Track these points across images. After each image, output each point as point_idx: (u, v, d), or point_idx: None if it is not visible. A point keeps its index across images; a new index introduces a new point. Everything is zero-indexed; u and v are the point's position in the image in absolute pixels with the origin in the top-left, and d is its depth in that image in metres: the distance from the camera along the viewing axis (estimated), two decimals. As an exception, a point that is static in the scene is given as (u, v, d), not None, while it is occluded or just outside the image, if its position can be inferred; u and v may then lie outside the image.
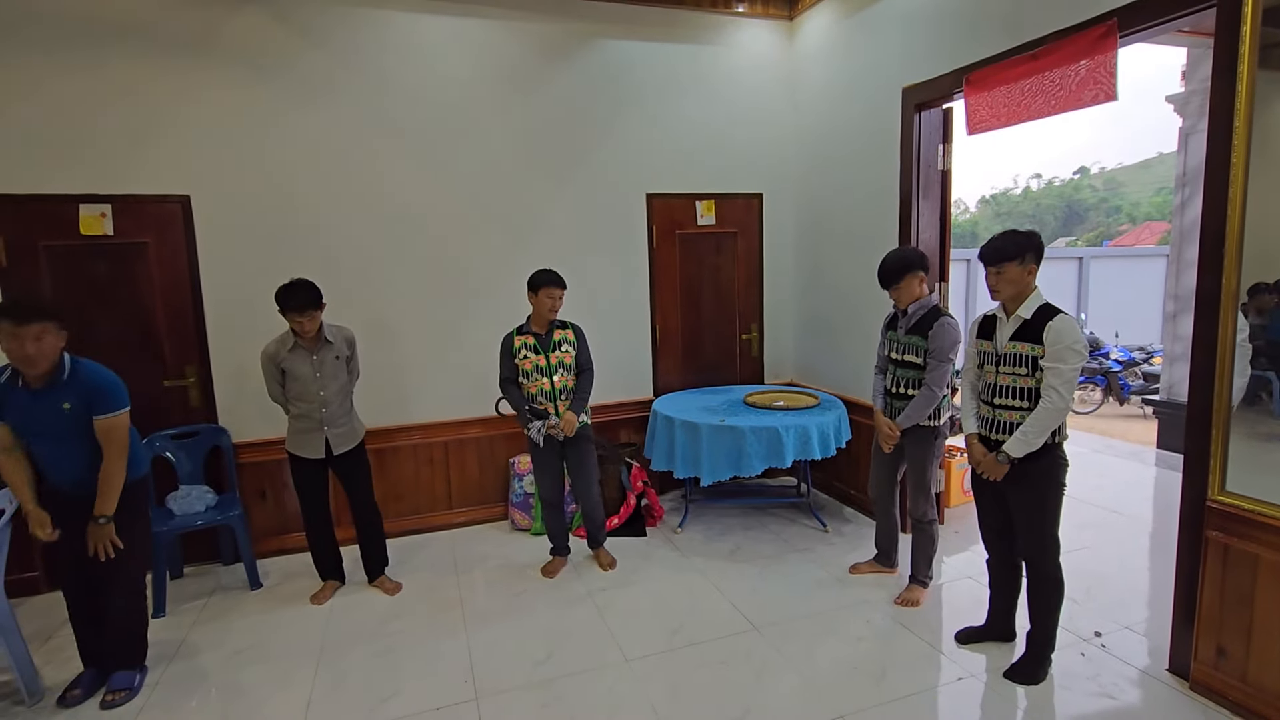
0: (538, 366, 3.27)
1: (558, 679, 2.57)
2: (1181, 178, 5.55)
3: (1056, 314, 2.29)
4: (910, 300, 2.91)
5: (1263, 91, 2.07)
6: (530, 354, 3.28)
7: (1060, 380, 2.24)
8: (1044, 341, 2.26)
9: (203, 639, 2.96)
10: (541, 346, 3.30)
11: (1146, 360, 8.72)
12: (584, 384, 3.37)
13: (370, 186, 3.75)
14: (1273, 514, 2.10)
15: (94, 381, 2.41)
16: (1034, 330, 2.29)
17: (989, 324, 2.48)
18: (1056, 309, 2.31)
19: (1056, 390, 2.24)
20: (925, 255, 2.95)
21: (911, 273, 2.87)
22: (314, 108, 3.61)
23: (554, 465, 3.38)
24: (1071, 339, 2.23)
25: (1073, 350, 2.23)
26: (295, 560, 3.66)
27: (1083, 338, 2.26)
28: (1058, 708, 2.33)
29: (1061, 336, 2.24)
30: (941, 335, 2.83)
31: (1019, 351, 2.33)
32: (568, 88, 4.06)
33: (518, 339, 3.31)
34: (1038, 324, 2.29)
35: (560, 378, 3.29)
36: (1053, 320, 2.27)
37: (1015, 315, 2.35)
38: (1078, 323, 2.29)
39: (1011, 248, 2.31)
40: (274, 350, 3.04)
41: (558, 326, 3.35)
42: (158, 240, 3.45)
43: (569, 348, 3.33)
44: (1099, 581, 3.16)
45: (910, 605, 3.01)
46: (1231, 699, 2.24)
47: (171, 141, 3.41)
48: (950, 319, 2.88)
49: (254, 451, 3.66)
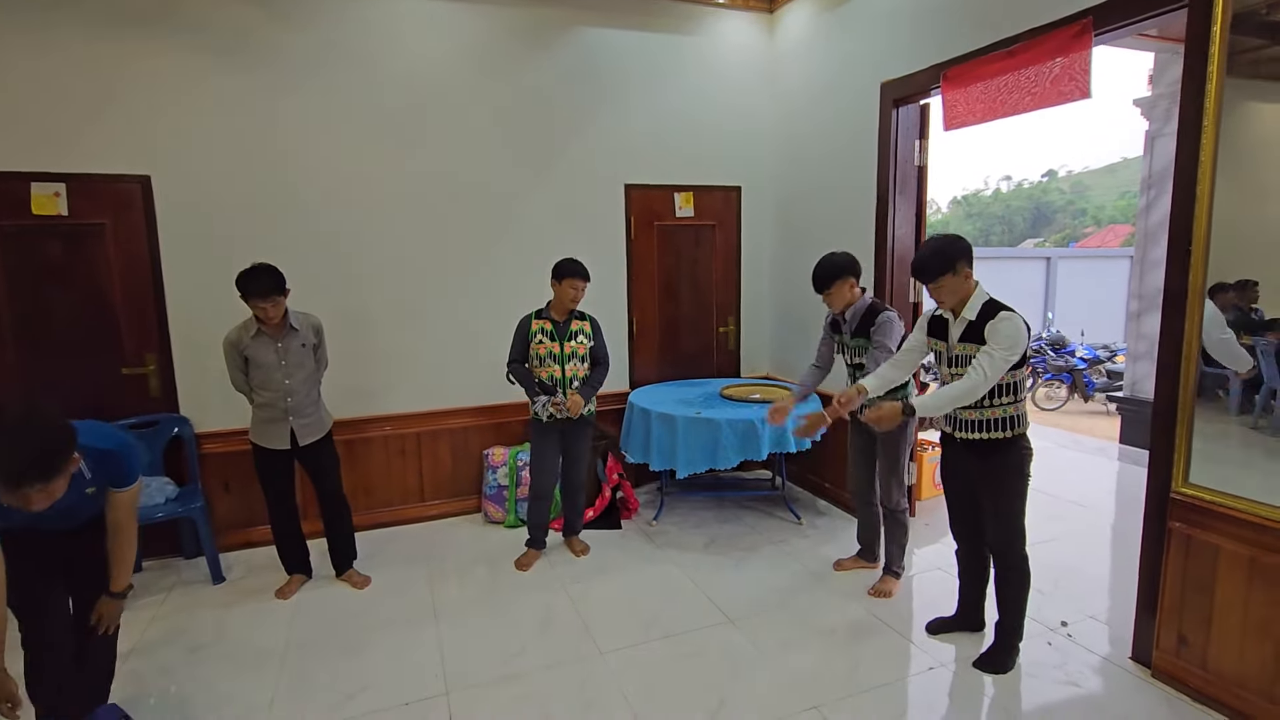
0: (551, 353, 3.27)
1: (530, 672, 2.54)
2: (1147, 180, 5.68)
3: (999, 311, 2.30)
4: (843, 305, 2.95)
5: (1228, 96, 2.11)
6: (546, 339, 3.28)
7: (986, 361, 2.25)
8: (983, 337, 2.31)
9: (162, 635, 2.87)
10: (558, 334, 3.30)
11: (1110, 358, 8.94)
12: (598, 375, 3.40)
13: (341, 171, 3.66)
14: (1233, 505, 2.15)
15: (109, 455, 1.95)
16: (979, 330, 2.32)
17: (939, 323, 2.51)
18: (1000, 306, 2.32)
19: (979, 369, 2.25)
20: (856, 260, 2.96)
21: (842, 278, 2.90)
22: (285, 89, 3.50)
23: (553, 452, 3.38)
24: (1007, 332, 2.25)
25: (1006, 339, 2.24)
26: (260, 554, 3.57)
27: (1020, 334, 2.26)
28: (1025, 696, 2.37)
29: (999, 330, 2.26)
30: (884, 330, 2.87)
31: (968, 353, 2.36)
32: (547, 74, 4.00)
33: (535, 322, 3.31)
34: (982, 324, 2.32)
35: (573, 367, 3.30)
36: (994, 319, 2.29)
37: (962, 317, 2.38)
38: (1019, 319, 2.28)
39: (941, 262, 2.33)
40: (236, 337, 2.94)
41: (576, 317, 3.35)
42: (115, 221, 3.32)
43: (584, 339, 3.34)
44: (1065, 573, 3.22)
45: (883, 596, 3.04)
46: (1192, 685, 2.29)
47: (130, 119, 3.28)
48: (889, 312, 2.91)
49: (217, 441, 3.56)
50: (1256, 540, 2.09)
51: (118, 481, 1.99)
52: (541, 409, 3.27)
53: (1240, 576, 2.15)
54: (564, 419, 3.32)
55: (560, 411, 3.27)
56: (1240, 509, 2.13)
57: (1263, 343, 2.14)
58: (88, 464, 1.88)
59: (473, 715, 2.31)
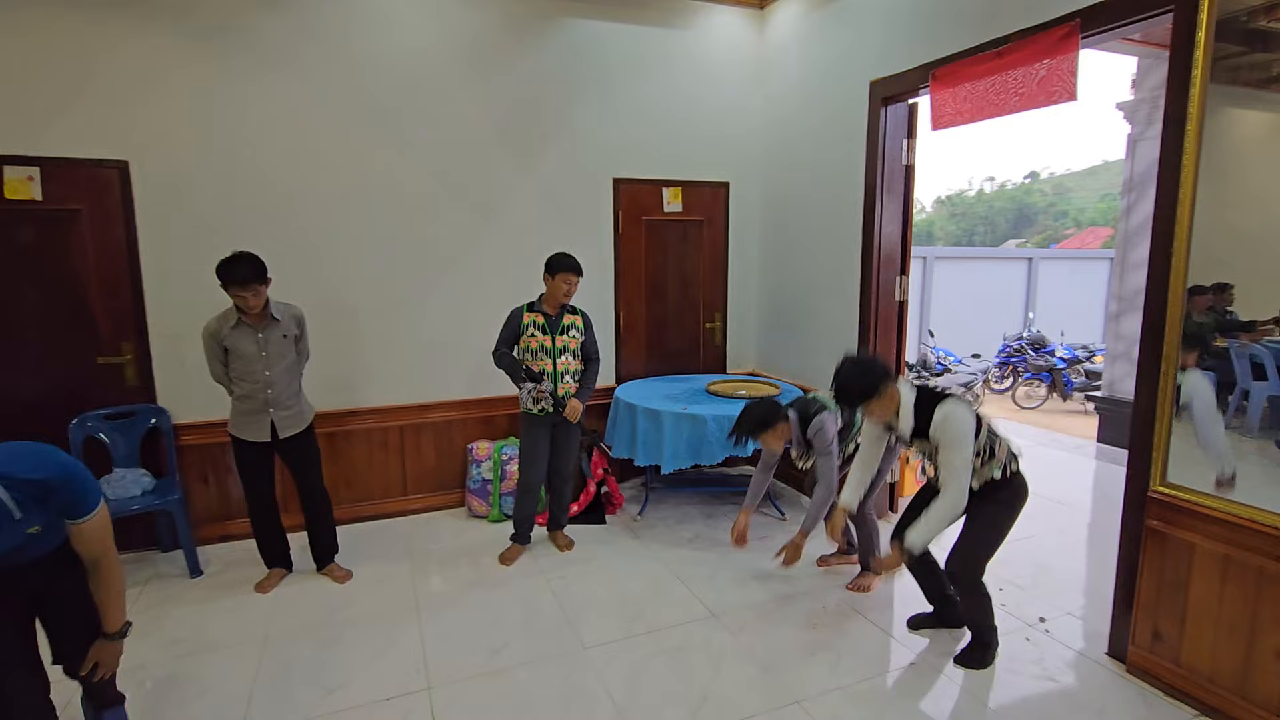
0: (543, 346, 3.26)
1: (513, 668, 2.53)
2: (1128, 183, 5.76)
3: (935, 406, 2.33)
4: (781, 442, 2.99)
5: (1209, 102, 2.14)
6: (537, 333, 3.26)
7: (952, 473, 2.31)
8: (929, 438, 2.35)
9: (138, 628, 2.76)
10: (550, 328, 3.28)
11: (1089, 358, 9.07)
12: (591, 373, 3.41)
13: (325, 159, 3.60)
14: (1209, 504, 2.19)
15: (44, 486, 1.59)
16: (925, 430, 2.37)
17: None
18: (932, 400, 2.36)
19: (950, 485, 2.31)
20: (779, 407, 2.97)
21: (770, 429, 2.93)
22: (267, 76, 3.44)
23: (542, 444, 3.37)
24: (953, 429, 2.29)
25: (958, 440, 2.29)
26: (239, 547, 3.52)
27: (964, 427, 2.29)
28: (1003, 691, 2.40)
29: (944, 432, 2.30)
30: (820, 438, 2.90)
31: (925, 449, 2.44)
32: (536, 65, 3.96)
33: (527, 315, 3.30)
34: (923, 424, 2.37)
35: (564, 361, 3.29)
36: (935, 415, 2.32)
37: (902, 424, 2.43)
38: (956, 410, 2.30)
39: (864, 390, 2.39)
40: (215, 327, 2.88)
41: (568, 311, 3.34)
42: (92, 208, 3.24)
43: (576, 333, 3.33)
44: (1043, 570, 3.27)
45: (862, 591, 3.07)
46: (1165, 680, 2.34)
47: (108, 104, 3.20)
48: (816, 420, 2.91)
49: (196, 433, 3.50)
50: (1231, 539, 2.13)
51: (71, 512, 1.65)
52: (527, 395, 3.25)
53: (1214, 574, 2.19)
54: (557, 412, 3.31)
55: (546, 403, 3.26)
56: (1216, 508, 2.17)
57: (1236, 345, 2.18)
58: (14, 498, 1.54)
59: (455, 710, 2.30)
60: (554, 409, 3.30)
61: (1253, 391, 2.17)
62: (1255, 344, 2.15)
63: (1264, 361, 2.13)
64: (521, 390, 3.26)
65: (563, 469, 3.49)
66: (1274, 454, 2.15)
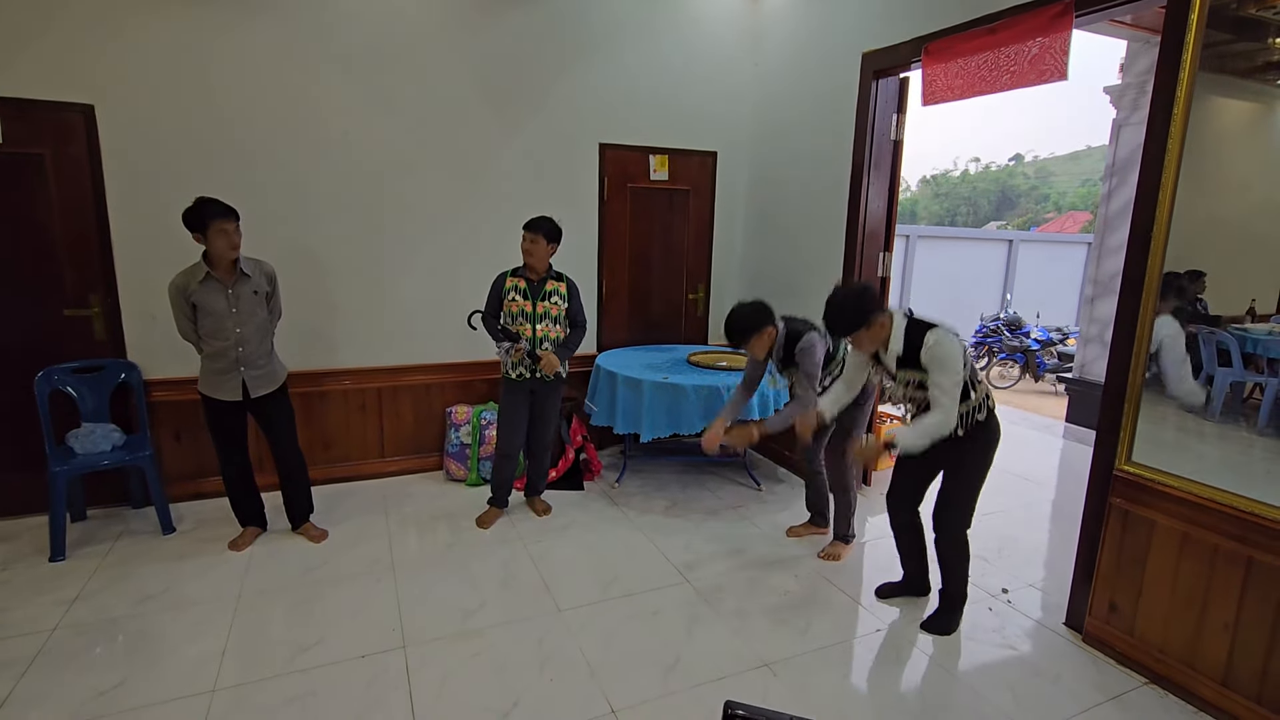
0: (524, 312, 3.21)
1: (489, 628, 2.56)
2: (1111, 167, 5.81)
3: (925, 332, 2.34)
4: (765, 351, 2.97)
5: (1196, 89, 2.15)
6: (519, 297, 3.22)
7: (943, 393, 2.31)
8: (921, 365, 2.35)
9: (108, 584, 2.79)
10: (532, 293, 3.23)
11: (1063, 341, 9.24)
12: (574, 337, 3.35)
13: (305, 111, 3.49)
14: (1171, 483, 2.26)
15: None
16: (913, 357, 2.37)
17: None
18: (923, 326, 2.36)
19: (941, 405, 2.32)
20: (770, 311, 2.95)
21: (756, 333, 2.91)
22: (244, 18, 3.30)
23: (521, 410, 3.35)
24: (945, 352, 2.29)
25: (950, 362, 2.29)
26: (212, 505, 3.49)
27: (955, 351, 2.31)
28: (964, 657, 2.49)
29: (936, 354, 2.31)
30: (806, 357, 2.91)
31: (911, 378, 2.43)
32: (523, 24, 3.85)
33: (509, 279, 3.25)
34: (913, 351, 2.36)
35: (544, 327, 3.24)
36: (925, 341, 2.33)
37: (890, 351, 2.43)
38: (947, 336, 2.33)
39: (854, 319, 2.38)
40: (182, 282, 2.79)
41: (552, 277, 3.28)
42: (55, 153, 3.12)
43: (559, 299, 3.28)
44: (1009, 542, 3.37)
45: (833, 559, 3.14)
46: (1118, 649, 2.44)
47: (71, 43, 3.06)
48: (809, 335, 2.92)
49: (168, 389, 3.43)
50: (1190, 517, 2.21)
51: None
52: (504, 354, 3.21)
53: (1172, 550, 2.27)
54: (536, 378, 3.29)
55: (525, 364, 3.23)
56: (1177, 487, 2.24)
57: (1204, 331, 2.23)
58: None
59: (429, 669, 2.32)
60: (531, 373, 3.28)
61: (1217, 377, 2.22)
62: (1222, 331, 2.20)
63: (1229, 348, 2.18)
64: (499, 350, 3.22)
65: (543, 436, 3.48)
66: (1233, 436, 2.21)
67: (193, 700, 2.14)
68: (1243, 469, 2.14)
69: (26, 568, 2.90)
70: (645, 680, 2.29)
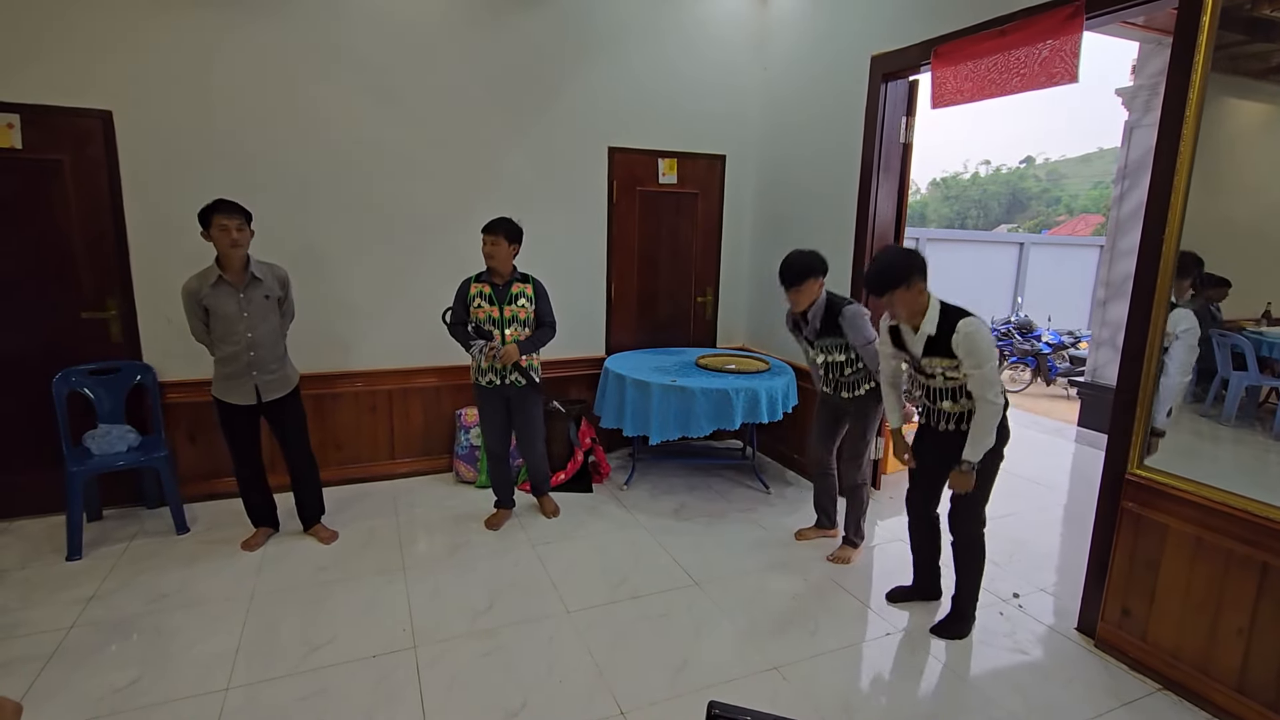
0: (491, 317, 3.17)
1: (498, 629, 2.57)
2: (1123, 169, 5.77)
3: (959, 321, 2.32)
4: (808, 303, 2.95)
5: (1208, 91, 2.14)
6: (484, 303, 3.17)
7: (986, 384, 2.30)
8: (955, 352, 2.32)
9: (123, 583, 2.83)
10: (497, 298, 3.19)
11: (1074, 344, 9.17)
12: (540, 334, 3.26)
13: (316, 114, 3.53)
14: (1183, 488, 2.24)
15: None
16: (943, 343, 2.35)
17: (896, 333, 2.53)
18: (957, 313, 2.35)
19: (985, 397, 2.31)
20: (826, 260, 2.95)
21: (813, 277, 2.90)
22: (258, 28, 3.35)
23: (499, 417, 3.32)
24: (980, 341, 2.28)
25: (985, 352, 2.28)
26: (225, 505, 3.52)
27: (989, 337, 2.30)
28: (975, 663, 2.47)
29: (971, 342, 2.29)
30: (856, 326, 2.89)
31: (937, 366, 2.40)
32: (533, 27, 3.88)
33: (474, 285, 3.21)
34: (945, 336, 2.34)
35: (513, 331, 3.20)
36: (957, 331, 2.31)
37: (921, 331, 2.39)
38: (981, 322, 2.32)
39: (895, 275, 2.33)
40: (195, 286, 2.82)
41: (517, 279, 3.23)
42: (74, 158, 3.17)
43: (526, 302, 3.23)
44: (1020, 547, 3.35)
45: (841, 563, 3.13)
46: (1131, 655, 2.42)
47: (91, 51, 3.11)
48: (850, 306, 2.93)
49: (183, 391, 3.47)
50: (1203, 521, 2.19)
51: None
52: (478, 353, 3.13)
53: (1185, 555, 2.25)
54: (506, 384, 3.23)
55: (496, 359, 3.14)
56: (1190, 491, 2.22)
57: (1218, 334, 2.22)
58: None
59: (439, 668, 2.34)
60: (501, 379, 3.21)
61: (1232, 380, 2.21)
62: (1236, 334, 2.18)
63: (1244, 352, 2.17)
64: (472, 350, 3.14)
65: (531, 446, 3.42)
66: (1248, 441, 2.20)
67: (206, 698, 2.17)
68: (1258, 473, 2.12)
69: (44, 566, 2.94)
70: (653, 682, 2.30)
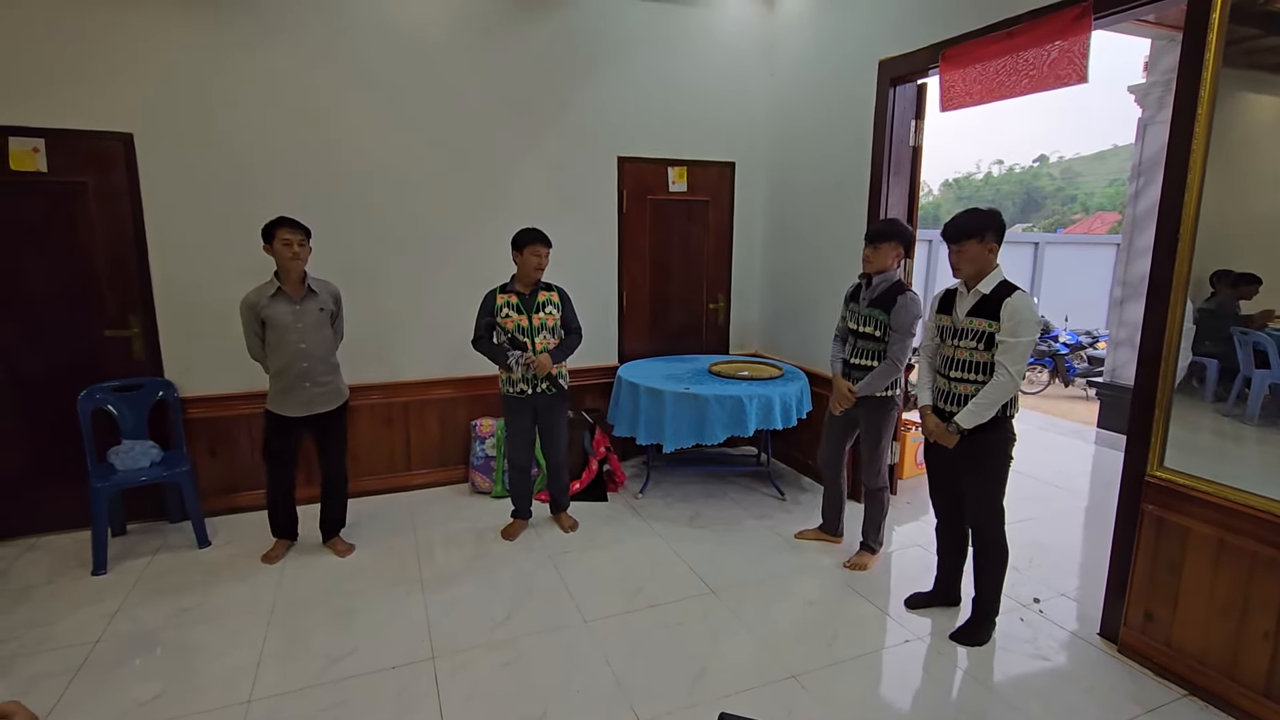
0: (519, 327, 3.21)
1: (517, 639, 2.58)
2: (1137, 167, 5.71)
3: (1014, 291, 2.35)
4: (880, 268, 2.94)
5: (1221, 86, 2.12)
6: (513, 313, 3.21)
7: (1012, 357, 2.30)
8: (1000, 317, 2.32)
9: (147, 596, 2.88)
10: (525, 307, 3.23)
11: (1092, 344, 9.07)
12: (570, 342, 3.33)
13: (330, 134, 3.58)
14: (1205, 489, 2.21)
15: None
16: (992, 306, 2.35)
17: (949, 298, 2.54)
18: (1015, 286, 2.37)
19: (1007, 367, 2.31)
20: (911, 233, 2.95)
21: (892, 242, 2.91)
22: (273, 47, 3.41)
23: (526, 426, 3.35)
24: (1027, 315, 2.30)
25: (1027, 326, 2.29)
26: (246, 519, 3.57)
27: (1037, 315, 2.33)
28: (997, 669, 2.45)
29: (1018, 312, 2.30)
30: (904, 311, 2.89)
31: (976, 327, 2.38)
32: (542, 40, 3.92)
33: (500, 296, 3.24)
34: (995, 300, 2.34)
35: (543, 339, 3.24)
36: (1010, 297, 2.33)
37: (975, 290, 2.40)
38: (1033, 300, 2.36)
39: (973, 225, 2.36)
40: (254, 299, 2.91)
41: (542, 288, 3.28)
42: (98, 180, 3.24)
43: (553, 309, 3.28)
44: (1040, 551, 3.31)
45: (859, 569, 3.11)
46: (1155, 660, 2.38)
47: (112, 75, 3.19)
48: (912, 295, 2.93)
49: (203, 406, 3.53)
50: (1225, 523, 2.16)
51: None
52: (515, 363, 3.14)
53: (1208, 557, 2.22)
54: (536, 393, 3.25)
55: (530, 370, 3.17)
56: (1211, 492, 2.19)
57: (1240, 332, 2.19)
58: None
59: (459, 679, 2.35)
60: (531, 388, 3.24)
61: (1254, 379, 2.18)
62: (1259, 331, 2.16)
63: (1267, 349, 2.14)
64: (510, 359, 3.15)
65: (555, 455, 3.44)
66: (1273, 440, 2.16)
67: (229, 711, 2.19)
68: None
69: (70, 581, 2.99)
70: (671, 691, 2.29)
